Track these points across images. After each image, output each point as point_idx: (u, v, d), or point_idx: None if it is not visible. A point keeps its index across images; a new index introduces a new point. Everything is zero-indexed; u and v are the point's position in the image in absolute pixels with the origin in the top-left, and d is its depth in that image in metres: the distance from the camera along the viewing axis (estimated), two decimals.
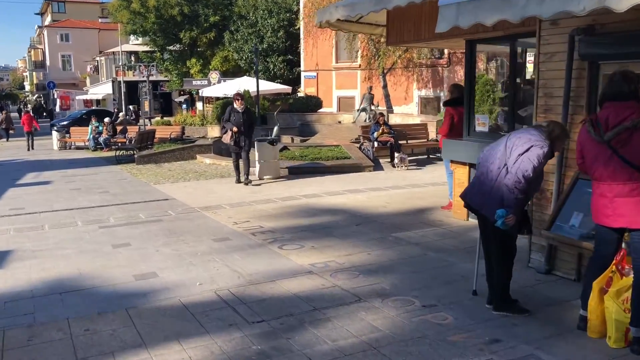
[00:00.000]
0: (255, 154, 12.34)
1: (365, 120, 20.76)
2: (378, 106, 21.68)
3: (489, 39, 7.49)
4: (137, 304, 4.99)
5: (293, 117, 21.19)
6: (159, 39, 36.75)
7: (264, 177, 12.23)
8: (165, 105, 48.09)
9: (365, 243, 6.78)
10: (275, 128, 18.84)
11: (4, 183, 13.45)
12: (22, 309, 4.96)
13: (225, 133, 11.36)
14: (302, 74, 29.92)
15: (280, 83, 30.40)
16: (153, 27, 35.64)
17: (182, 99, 39.85)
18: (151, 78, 49.86)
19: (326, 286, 5.29)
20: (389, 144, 13.71)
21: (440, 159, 14.66)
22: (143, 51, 40.82)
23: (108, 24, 65.23)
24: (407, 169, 13.13)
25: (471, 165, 7.65)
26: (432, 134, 16.07)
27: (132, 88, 49.54)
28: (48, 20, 68.96)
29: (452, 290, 5.09)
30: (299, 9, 30.56)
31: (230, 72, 35.03)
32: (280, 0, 30.98)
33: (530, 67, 8.09)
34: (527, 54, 7.86)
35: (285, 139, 19.60)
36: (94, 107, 36.67)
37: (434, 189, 10.64)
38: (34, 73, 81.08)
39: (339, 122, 21.95)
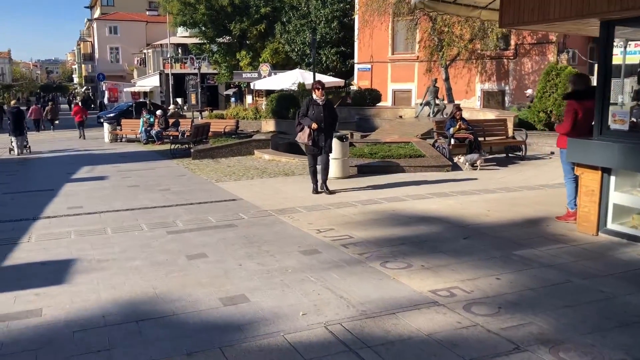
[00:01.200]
0: None
1: (429, 115, 19.52)
2: (443, 100, 20.38)
3: (632, 19, 6.21)
4: (233, 341, 4.02)
5: (350, 111, 20.10)
6: (208, 31, 36.18)
7: (333, 175, 11.21)
8: (212, 99, 47.79)
9: (486, 263, 5.66)
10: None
11: (59, 177, 12.84)
12: (94, 343, 4.06)
13: (301, 131, 9.53)
14: (356, 66, 28.81)
15: (333, 76, 29.38)
16: (203, 19, 35.07)
17: (231, 92, 39.32)
18: (201, 71, 49.80)
19: (464, 325, 4.21)
20: (467, 141, 12.48)
21: (521, 158, 13.36)
22: (192, 44, 40.34)
23: (156, 17, 65.51)
24: (481, 169, 11.91)
25: (604, 170, 6.43)
26: (510, 131, 14.72)
27: (179, 81, 49.44)
28: (97, 13, 69.72)
29: (638, 336, 3.94)
30: None
31: (280, 64, 34.19)
32: None
33: None
34: None
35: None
36: (140, 100, 36.27)
37: (533, 193, 9.41)
38: (82, 65, 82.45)
39: (400, 116, 20.76)
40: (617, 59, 6.56)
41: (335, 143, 11.06)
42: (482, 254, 5.97)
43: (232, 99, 40.05)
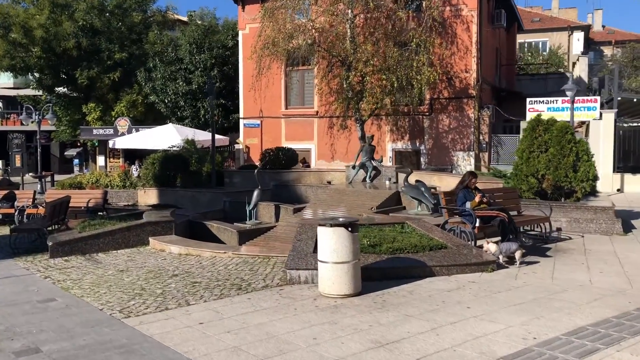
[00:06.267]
0: (318, 247, 6.76)
1: (364, 180, 15.72)
2: (382, 161, 16.77)
3: None
4: None
5: (263, 176, 15.53)
6: (45, 78, 29.30)
7: (333, 292, 6.64)
8: (43, 161, 39.64)
9: None
10: (255, 193, 13.23)
11: None
12: None
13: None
14: (242, 122, 24.33)
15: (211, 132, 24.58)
16: (38, 63, 28.26)
17: (74, 152, 32.20)
18: (26, 128, 41.35)
19: None
20: (499, 221, 8.69)
21: (544, 240, 9.89)
22: (24, 95, 32.76)
23: None
24: (526, 265, 8.21)
25: None
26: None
27: (0, 139, 40.58)
28: None
29: None
30: (236, 43, 25.31)
31: (139, 119, 28.52)
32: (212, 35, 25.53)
33: None
34: None
35: (267, 209, 13.90)
36: None
37: None
38: None
39: (329, 182, 16.66)
40: None
41: (339, 234, 6.58)
42: None
43: (76, 161, 32.94)
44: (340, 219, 6.90)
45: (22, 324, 6.10)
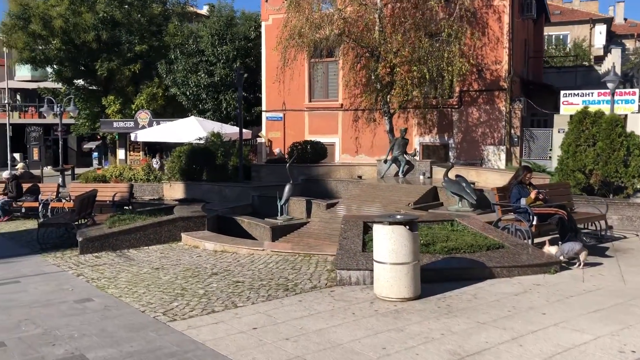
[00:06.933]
0: (374, 247, 6.29)
1: (397, 174, 15.20)
2: (415, 155, 16.23)
3: None
4: None
5: (292, 170, 15.02)
6: (65, 71, 29.00)
7: (391, 295, 6.15)
8: (59, 154, 39.55)
9: None
10: (287, 188, 12.76)
11: None
12: None
13: None
14: (264, 115, 23.88)
15: (234, 124, 24.17)
16: (58, 55, 27.95)
17: (93, 145, 31.88)
18: (43, 121, 41.23)
19: None
20: (557, 219, 8.14)
21: (598, 239, 9.31)
22: (44, 87, 32.46)
23: None
24: (590, 266, 7.65)
25: None
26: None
27: (18, 133, 40.48)
28: None
29: None
30: (258, 35, 24.84)
31: (159, 112, 28.14)
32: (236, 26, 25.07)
33: None
34: None
35: (298, 205, 13.43)
36: None
37: None
38: None
39: (359, 177, 16.15)
40: None
41: (396, 233, 6.09)
42: None
43: (95, 155, 32.68)
44: (398, 217, 6.41)
45: (61, 326, 5.68)
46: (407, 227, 6.19)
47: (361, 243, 7.71)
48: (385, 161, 15.57)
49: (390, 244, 6.11)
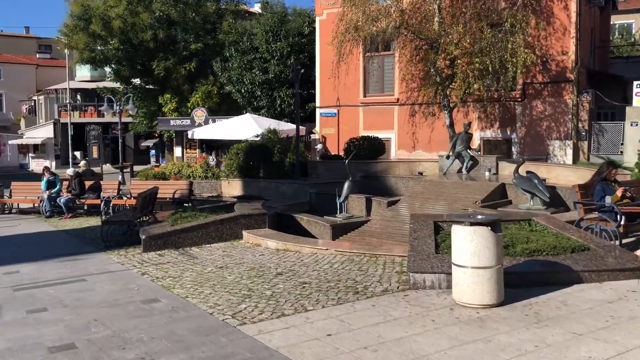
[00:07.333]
0: (453, 249, 5.87)
1: (461, 171, 14.64)
2: (480, 150, 15.63)
3: None
4: None
5: (351, 166, 14.67)
6: (123, 70, 29.63)
7: (473, 301, 5.72)
8: (117, 152, 40.63)
9: None
10: (346, 185, 12.43)
11: None
12: None
13: None
14: (318, 111, 23.62)
15: (288, 121, 24.05)
16: (117, 55, 28.57)
17: (150, 143, 32.48)
18: (102, 120, 42.40)
19: None
20: None
21: None
22: (103, 87, 33.24)
23: (48, 60, 57.16)
24: None
25: None
26: None
27: (78, 131, 41.78)
28: None
29: None
30: (311, 30, 24.60)
31: (213, 110, 28.34)
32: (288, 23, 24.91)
33: None
34: None
35: (357, 202, 13.08)
36: None
37: None
38: None
39: (420, 173, 15.67)
40: None
41: (478, 235, 5.66)
42: None
43: (152, 152, 33.29)
44: (479, 217, 5.97)
45: (129, 329, 5.54)
46: (490, 228, 5.76)
47: (433, 244, 7.29)
48: (448, 157, 15.02)
49: (471, 246, 5.69)
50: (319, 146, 22.23)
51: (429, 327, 5.24)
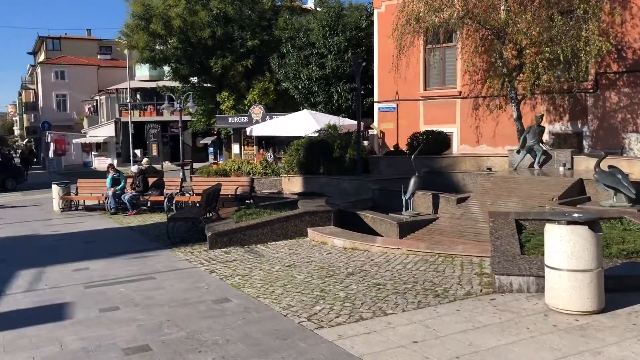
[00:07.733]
0: (546, 250, 5.38)
1: (533, 165, 13.91)
2: (553, 144, 14.87)
3: None
4: None
5: (417, 161, 14.20)
6: (182, 69, 30.04)
7: (570, 308, 5.21)
8: (176, 149, 41.37)
9: None
10: (412, 181, 11.97)
11: None
12: None
13: None
14: (376, 106, 23.14)
15: (345, 117, 23.69)
16: (175, 54, 28.98)
17: (208, 140, 32.87)
18: (160, 118, 43.28)
19: None
20: None
21: None
22: (162, 86, 33.81)
23: (108, 61, 58.98)
24: None
25: None
26: None
27: (138, 130, 42.81)
28: (41, 59, 62.52)
29: None
30: (369, 24, 24.17)
31: (270, 106, 28.31)
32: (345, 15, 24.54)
33: None
34: None
35: (423, 199, 12.60)
36: None
37: None
38: (24, 116, 73.98)
39: (489, 168, 15.04)
40: None
41: (576, 235, 5.14)
42: None
43: (210, 150, 33.68)
44: (575, 215, 5.45)
45: (203, 330, 5.34)
46: (588, 227, 5.24)
47: (518, 244, 6.79)
48: (518, 151, 14.29)
49: (568, 248, 5.19)
50: (365, 142, 21.78)
51: (524, 336, 4.79)
